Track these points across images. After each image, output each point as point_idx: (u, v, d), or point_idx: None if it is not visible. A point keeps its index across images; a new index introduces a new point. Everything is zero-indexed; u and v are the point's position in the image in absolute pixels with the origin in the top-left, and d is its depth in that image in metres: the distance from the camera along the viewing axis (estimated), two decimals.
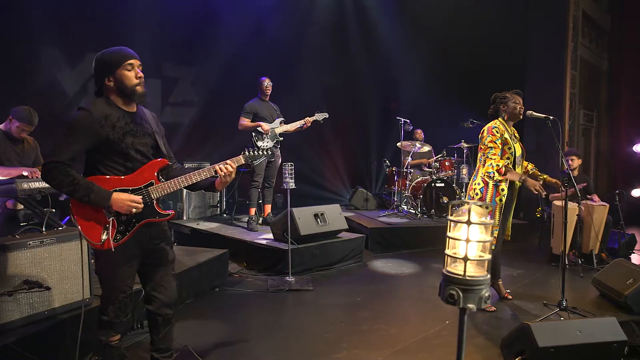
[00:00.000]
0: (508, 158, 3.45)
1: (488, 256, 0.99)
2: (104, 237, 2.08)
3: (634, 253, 5.58)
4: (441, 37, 7.62)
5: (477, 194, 3.51)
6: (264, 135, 5.15)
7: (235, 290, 4.02)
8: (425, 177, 6.69)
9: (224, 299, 3.82)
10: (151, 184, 2.19)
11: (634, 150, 8.65)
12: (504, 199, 3.45)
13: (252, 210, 5.36)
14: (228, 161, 2.25)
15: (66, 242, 2.68)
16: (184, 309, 3.50)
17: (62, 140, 2.02)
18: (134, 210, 2.09)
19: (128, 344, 2.86)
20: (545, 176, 3.60)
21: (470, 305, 0.92)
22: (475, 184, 3.55)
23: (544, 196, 3.64)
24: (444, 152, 6.74)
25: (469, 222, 0.93)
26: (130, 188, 2.14)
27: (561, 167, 3.40)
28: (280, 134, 5.28)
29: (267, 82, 5.28)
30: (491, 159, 3.42)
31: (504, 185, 3.44)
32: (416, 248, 5.67)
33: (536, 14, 7.54)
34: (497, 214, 3.44)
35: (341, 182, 8.60)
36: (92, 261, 2.72)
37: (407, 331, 3.14)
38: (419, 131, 7.33)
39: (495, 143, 3.42)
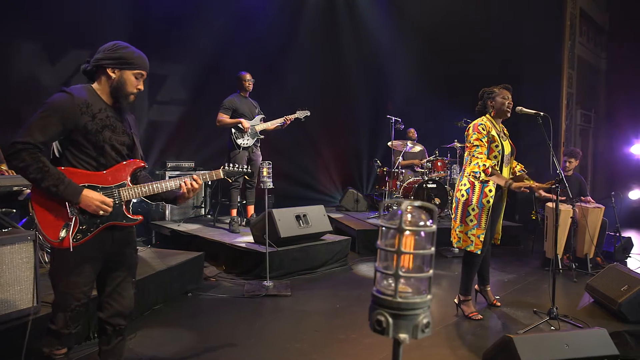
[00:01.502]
0: (495, 156, 3.24)
1: (428, 273, 0.78)
2: (62, 234, 1.88)
3: (630, 257, 5.37)
4: (434, 34, 7.41)
5: (462, 196, 3.30)
6: (244, 133, 4.95)
7: (209, 295, 3.81)
8: (417, 178, 6.49)
9: (196, 305, 3.62)
10: (123, 185, 2.01)
11: (632, 151, 8.46)
12: (491, 201, 3.23)
13: (234, 212, 5.16)
14: (195, 176, 2.12)
15: (14, 245, 2.48)
16: (151, 316, 3.30)
17: (37, 121, 1.83)
18: (101, 212, 1.92)
19: (80, 355, 2.64)
20: (531, 182, 3.37)
21: (402, 336, 0.72)
22: (461, 185, 3.34)
23: (537, 194, 3.44)
24: (437, 152, 6.54)
25: (400, 229, 0.73)
26: (101, 186, 1.96)
27: (556, 166, 3.18)
28: (260, 132, 5.08)
29: (248, 77, 5.08)
30: (477, 157, 3.21)
31: (491, 186, 3.23)
32: None
33: (532, 11, 7.34)
34: (484, 216, 3.23)
35: (332, 182, 8.40)
36: (48, 266, 2.53)
37: (384, 341, 2.93)
38: (412, 130, 7.14)
39: (481, 141, 3.22)
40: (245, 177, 2.34)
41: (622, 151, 8.74)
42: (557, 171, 3.15)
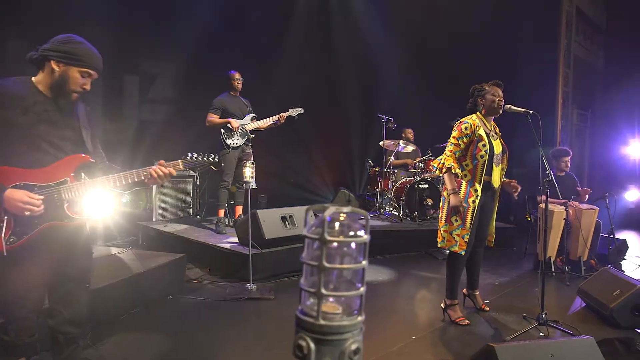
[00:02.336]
0: (482, 156, 3.13)
1: (359, 290, 0.68)
2: None
3: (625, 259, 5.27)
4: (427, 33, 7.30)
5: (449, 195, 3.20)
6: (234, 132, 4.85)
7: (190, 298, 3.70)
8: (409, 178, 6.39)
9: (176, 309, 3.51)
10: (64, 182, 1.89)
11: (628, 152, 8.36)
12: (477, 201, 3.13)
13: (221, 212, 5.06)
14: (158, 167, 2.02)
15: None
16: (128, 320, 3.19)
17: None
18: (27, 212, 1.79)
19: None
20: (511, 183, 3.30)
21: None
22: None
23: (516, 198, 3.34)
24: (429, 152, 6.43)
25: (323, 240, 0.62)
26: (39, 184, 1.84)
27: (544, 166, 3.07)
28: (252, 131, 4.98)
29: (237, 76, 4.97)
30: (445, 153, 3.18)
31: (477, 186, 3.14)
32: (396, 253, 5.35)
33: (527, 9, 7.23)
34: (469, 216, 3.12)
35: (325, 183, 8.29)
36: None
37: (367, 347, 2.82)
38: (409, 130, 7.01)
39: (458, 140, 3.15)
40: (212, 167, 2.21)
41: (619, 151, 8.64)
42: (547, 172, 3.05)
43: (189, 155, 2.15)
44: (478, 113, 3.27)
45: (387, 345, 2.84)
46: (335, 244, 0.64)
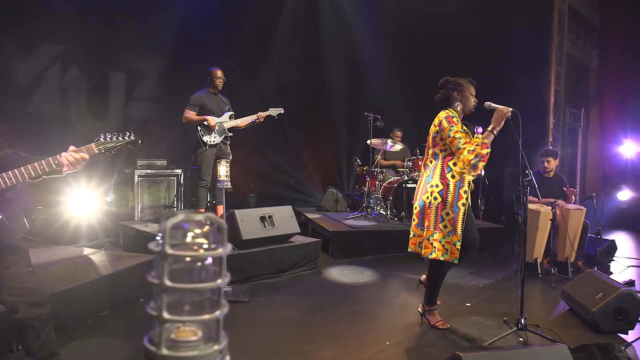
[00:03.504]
0: None
1: (214, 314, 0.57)
2: None
3: (614, 260, 5.17)
4: (416, 30, 7.17)
5: (435, 199, 2.94)
6: (211, 130, 4.74)
7: None
8: (397, 178, 6.28)
9: (146, 312, 3.38)
10: None
11: (621, 151, 8.27)
12: (467, 203, 2.94)
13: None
14: (69, 153, 1.94)
15: None
16: (93, 324, 3.08)
17: None
18: None
19: None
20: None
21: None
22: (431, 187, 2.97)
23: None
24: (417, 151, 6.32)
25: (162, 254, 0.52)
26: None
27: (523, 165, 2.96)
28: (230, 129, 4.86)
29: (219, 74, 4.85)
30: (464, 148, 2.80)
31: (466, 187, 2.94)
32: (381, 253, 5.24)
33: (518, 7, 7.12)
34: (460, 221, 2.90)
35: (314, 182, 8.19)
36: None
37: (339, 354, 2.73)
38: (399, 133, 6.88)
39: (462, 132, 2.87)
40: (130, 146, 2.11)
41: (612, 151, 8.55)
42: (527, 171, 2.94)
43: (102, 137, 2.08)
44: (452, 109, 3.09)
45: (359, 352, 2.73)
46: (188, 258, 0.53)
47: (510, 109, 2.93)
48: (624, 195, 7.80)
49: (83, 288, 3.09)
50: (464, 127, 3.01)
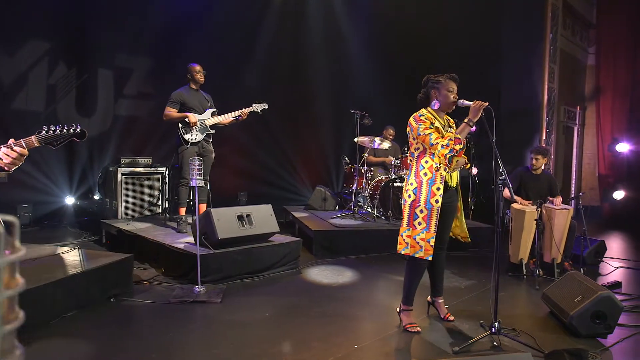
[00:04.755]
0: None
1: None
2: None
3: (602, 261, 5.06)
4: (406, 26, 7.06)
5: (409, 196, 2.97)
6: (192, 127, 4.66)
7: (133, 300, 3.52)
8: (385, 176, 6.20)
9: (116, 312, 3.33)
10: None
11: (617, 149, 8.14)
12: (440, 200, 2.91)
13: (182, 210, 4.88)
14: (6, 149, 1.85)
15: None
16: (59, 324, 3.00)
17: None
18: None
19: None
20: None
21: None
22: (408, 185, 3.01)
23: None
24: (405, 149, 6.23)
25: None
26: None
27: (496, 161, 2.86)
28: (212, 127, 4.79)
29: (198, 69, 4.77)
30: (437, 143, 2.84)
31: (439, 184, 2.91)
32: (365, 253, 5.16)
33: (510, 1, 7.00)
34: (434, 218, 2.89)
35: (303, 181, 8.11)
36: None
37: (301, 357, 2.65)
38: (391, 131, 6.77)
39: (431, 128, 2.90)
40: (75, 139, 2.01)
41: (610, 149, 8.42)
42: (500, 169, 2.85)
43: (45, 129, 1.97)
44: (429, 108, 3.06)
45: (324, 355, 2.65)
46: None
47: (486, 103, 2.86)
48: (619, 194, 7.68)
49: (48, 287, 3.02)
50: (451, 123, 3.02)
